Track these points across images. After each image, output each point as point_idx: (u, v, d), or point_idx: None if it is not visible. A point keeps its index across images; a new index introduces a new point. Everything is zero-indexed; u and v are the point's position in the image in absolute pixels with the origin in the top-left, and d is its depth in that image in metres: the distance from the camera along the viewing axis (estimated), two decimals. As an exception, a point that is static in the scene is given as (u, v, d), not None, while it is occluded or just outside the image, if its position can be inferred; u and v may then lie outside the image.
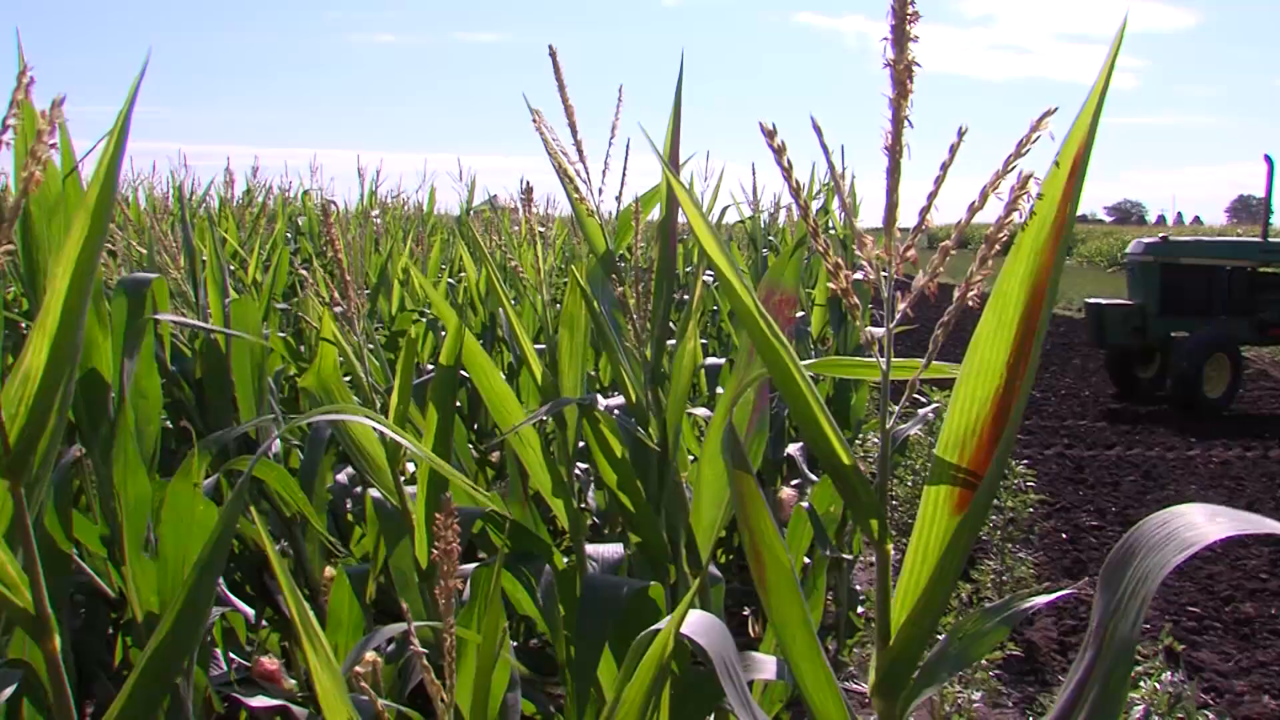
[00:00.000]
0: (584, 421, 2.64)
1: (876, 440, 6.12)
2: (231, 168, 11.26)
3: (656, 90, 2.40)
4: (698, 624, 1.31)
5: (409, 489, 2.71)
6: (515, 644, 3.99)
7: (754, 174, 8.64)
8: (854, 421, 5.62)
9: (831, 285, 1.13)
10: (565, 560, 2.84)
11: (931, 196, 1.10)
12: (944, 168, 1.09)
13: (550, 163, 2.49)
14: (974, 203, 1.09)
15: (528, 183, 2.89)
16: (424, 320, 5.40)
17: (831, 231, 6.86)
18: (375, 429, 2.49)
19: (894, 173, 1.08)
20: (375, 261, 6.90)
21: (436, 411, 2.68)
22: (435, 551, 1.21)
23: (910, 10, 1.04)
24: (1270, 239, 14.05)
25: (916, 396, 6.51)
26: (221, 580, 3.41)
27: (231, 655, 3.30)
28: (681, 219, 2.59)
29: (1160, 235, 14.31)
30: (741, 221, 8.86)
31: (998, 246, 1.10)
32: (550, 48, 2.45)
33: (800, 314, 5.40)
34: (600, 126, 2.55)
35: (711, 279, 7.61)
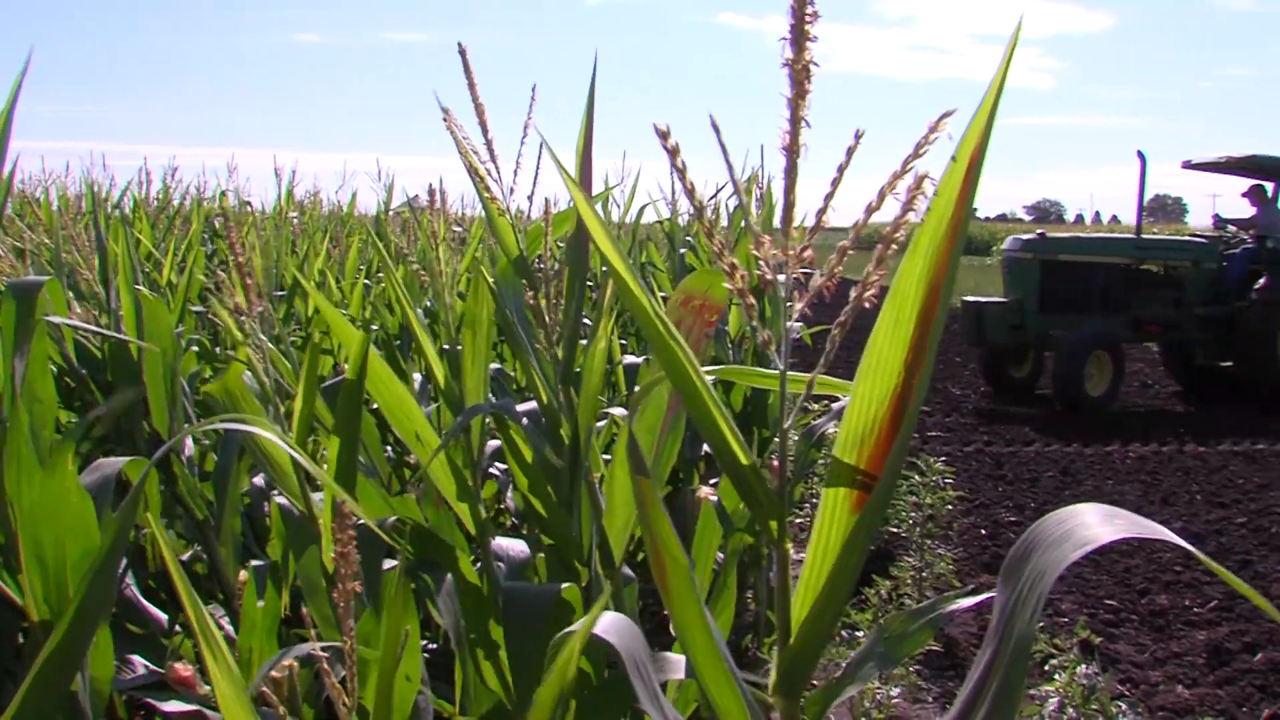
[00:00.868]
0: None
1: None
2: (149, 168, 11.12)
3: (580, 89, 2.39)
4: (610, 625, 1.30)
5: (317, 495, 2.68)
6: (435, 647, 3.96)
7: (671, 175, 8.57)
8: (772, 421, 5.63)
9: (728, 286, 1.12)
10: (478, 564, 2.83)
11: (828, 198, 1.10)
12: (840, 169, 1.09)
13: (462, 162, 2.47)
14: (871, 203, 1.09)
15: (431, 184, 2.86)
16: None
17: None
18: (261, 435, 2.46)
19: (791, 173, 1.07)
20: (292, 263, 6.84)
21: (341, 421, 2.65)
22: (334, 556, 1.20)
23: (809, 10, 1.04)
24: (1144, 235, 14.30)
25: (834, 394, 6.57)
26: (134, 585, 3.36)
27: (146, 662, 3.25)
28: (614, 216, 2.58)
29: (1038, 232, 14.42)
30: (660, 221, 8.83)
31: (894, 245, 1.10)
32: (460, 46, 2.42)
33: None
34: (517, 128, 2.54)
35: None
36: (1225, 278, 13.69)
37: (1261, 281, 13.23)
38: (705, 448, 5.14)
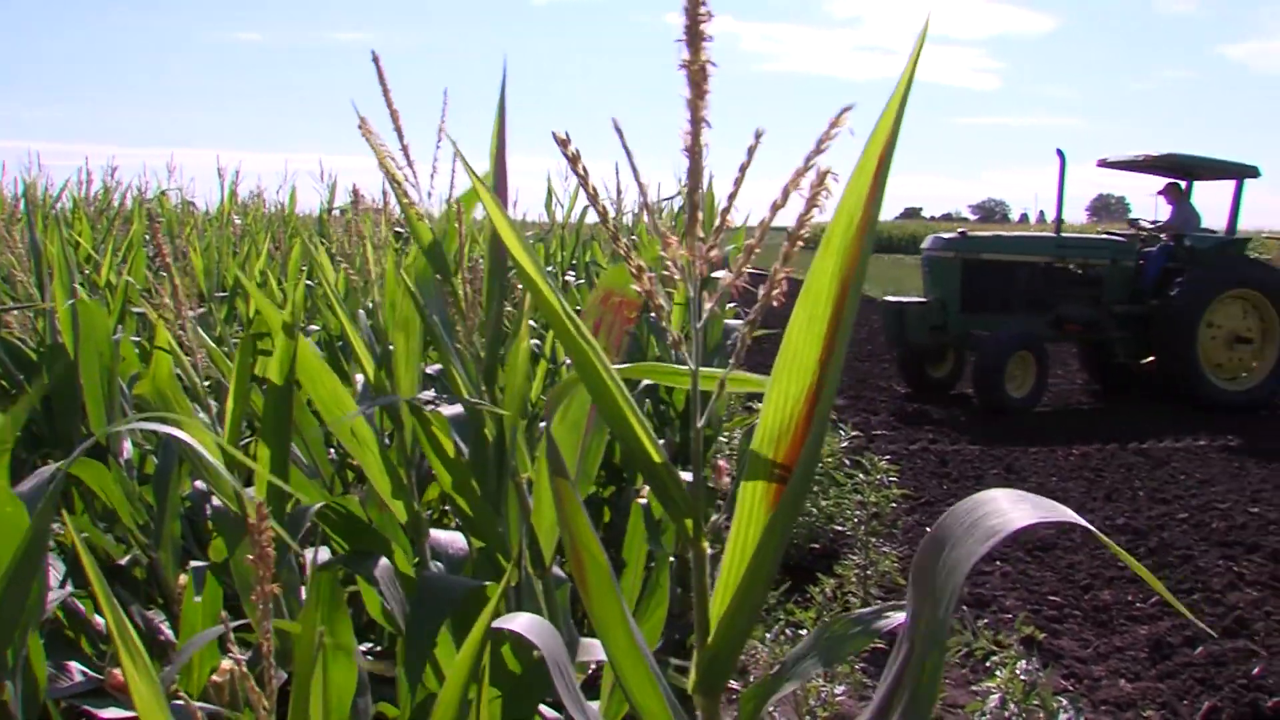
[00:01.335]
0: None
1: (740, 437, 6.17)
2: (89, 167, 11.02)
3: (521, 89, 2.34)
4: (530, 626, 1.31)
5: (250, 492, 2.67)
6: (380, 647, 3.94)
7: (617, 174, 8.54)
8: (716, 420, 5.64)
9: (637, 287, 1.12)
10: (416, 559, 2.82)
11: (731, 197, 1.11)
12: (742, 169, 1.10)
13: (379, 168, 2.47)
14: (776, 201, 1.09)
15: (354, 184, 2.86)
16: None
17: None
18: (175, 435, 2.45)
19: (695, 174, 1.08)
20: (234, 265, 6.79)
21: (268, 425, 2.64)
22: (251, 557, 1.19)
23: (703, 10, 1.03)
24: (1064, 234, 14.23)
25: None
26: (71, 590, 3.33)
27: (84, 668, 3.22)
28: (543, 218, 2.57)
29: (959, 230, 14.28)
30: (610, 220, 8.83)
31: (800, 243, 1.10)
32: (373, 53, 2.43)
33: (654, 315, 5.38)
34: (464, 127, 2.52)
35: (573, 278, 7.58)
36: (1143, 276, 13.68)
37: (1179, 280, 13.24)
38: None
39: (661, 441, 4.00)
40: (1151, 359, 13.77)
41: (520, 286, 2.75)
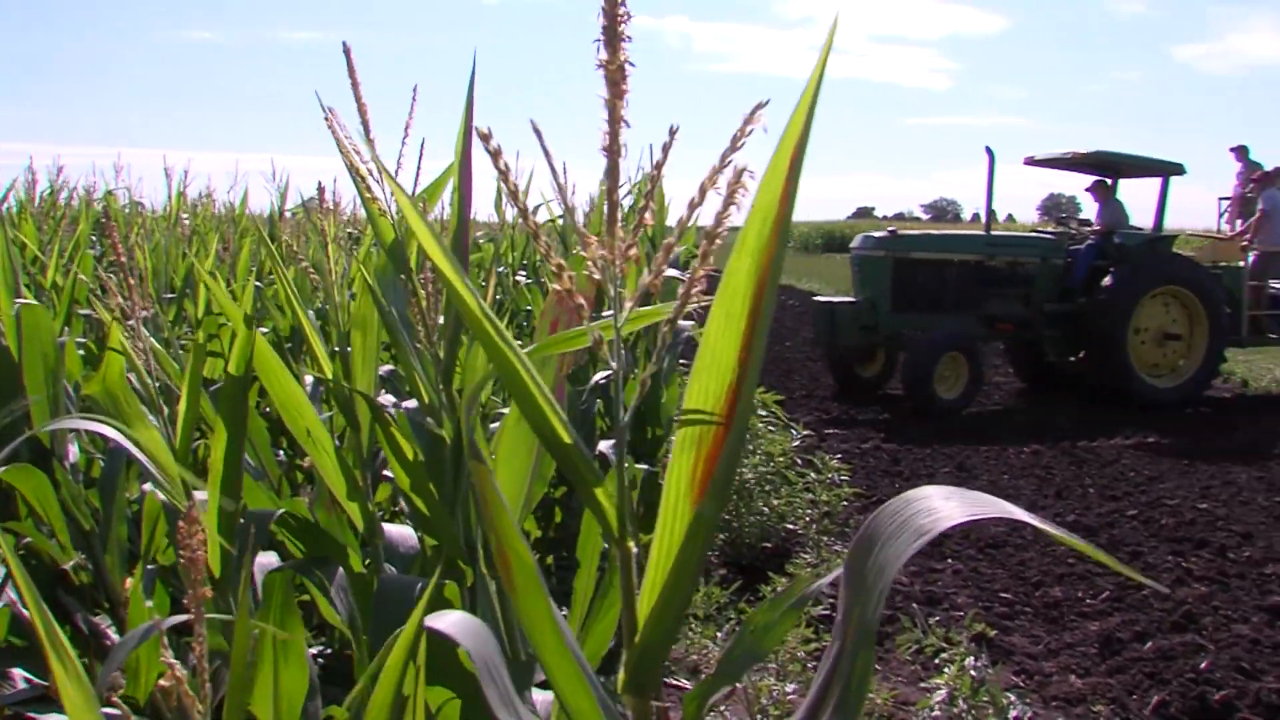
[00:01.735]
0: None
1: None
2: (34, 167, 10.92)
3: (479, 89, 2.35)
4: (458, 624, 1.30)
5: (200, 495, 2.65)
6: (330, 650, 3.93)
7: (565, 172, 8.53)
8: (665, 420, 5.65)
9: (556, 287, 1.13)
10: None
11: (649, 197, 1.11)
12: (657, 167, 1.10)
13: (344, 162, 2.46)
14: (693, 199, 1.10)
15: (320, 182, 2.85)
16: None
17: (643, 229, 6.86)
18: (110, 433, 2.44)
19: (613, 173, 1.08)
20: (182, 265, 6.74)
21: (226, 419, 2.63)
22: (181, 560, 1.18)
23: (622, 11, 1.04)
24: (994, 232, 14.23)
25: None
26: (15, 597, 3.31)
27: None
28: (508, 216, 2.57)
29: (889, 229, 14.16)
30: (551, 220, 8.83)
31: (718, 241, 1.11)
32: (344, 45, 2.42)
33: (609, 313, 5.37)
34: (425, 126, 2.52)
35: (524, 278, 7.55)
36: (1072, 274, 13.69)
37: (1108, 277, 13.28)
38: (599, 447, 5.13)
39: (608, 443, 4.00)
40: (1081, 357, 13.81)
41: (484, 286, 2.74)
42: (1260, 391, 15.13)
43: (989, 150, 13.39)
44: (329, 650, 3.91)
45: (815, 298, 13.85)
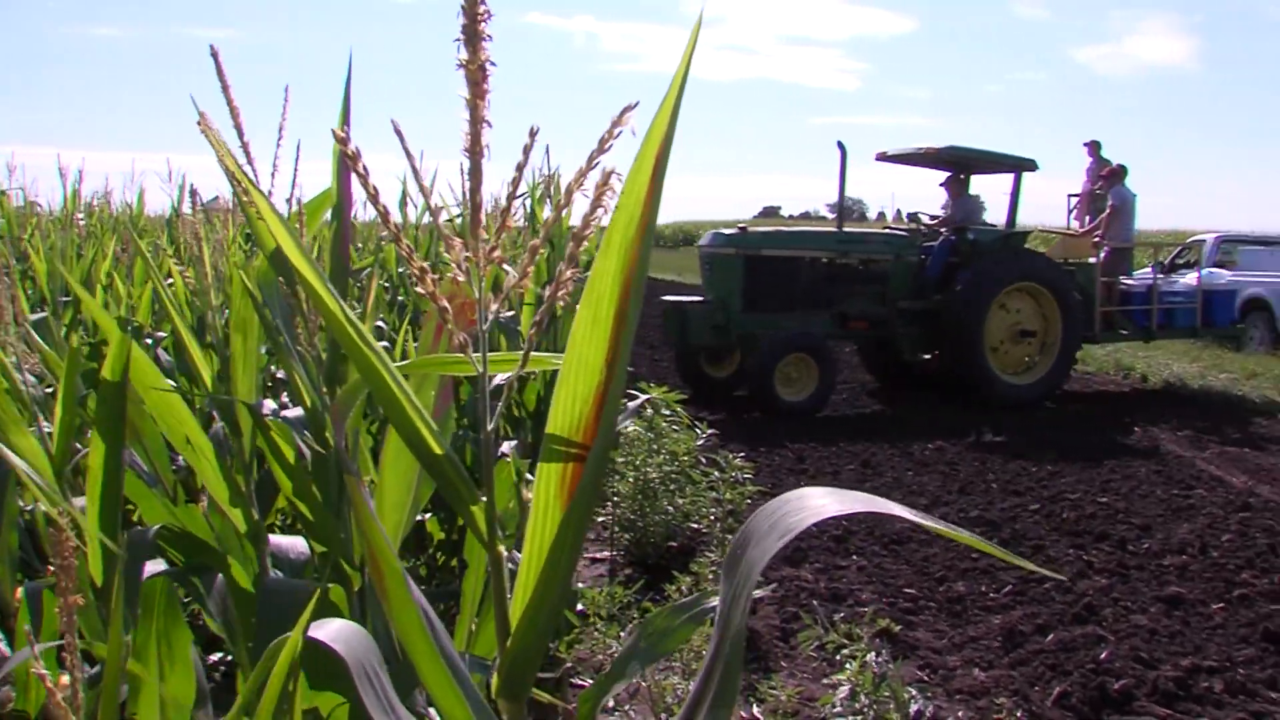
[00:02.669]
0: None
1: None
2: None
3: (385, 86, 2.29)
4: (338, 632, 1.28)
5: (80, 501, 2.60)
6: (231, 658, 3.87)
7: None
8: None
9: (419, 290, 1.11)
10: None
11: (510, 198, 1.10)
12: (519, 168, 1.09)
13: (220, 165, 2.41)
14: (560, 201, 1.09)
15: (191, 185, 2.81)
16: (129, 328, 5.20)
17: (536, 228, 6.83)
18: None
19: (475, 174, 1.07)
20: (78, 268, 6.63)
21: (102, 426, 2.58)
22: (50, 570, 1.15)
23: (481, 10, 1.02)
24: (846, 229, 14.10)
25: (631, 391, 6.50)
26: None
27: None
28: (411, 217, 2.55)
29: (739, 226, 13.76)
30: (450, 220, 8.78)
31: (585, 243, 1.10)
32: (211, 48, 2.37)
33: (510, 313, 5.36)
34: (327, 125, 2.48)
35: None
36: (926, 271, 13.65)
37: (962, 274, 13.24)
38: (501, 449, 5.10)
39: (514, 442, 3.97)
40: (934, 355, 13.84)
41: (363, 289, 2.72)
42: (1158, 386, 15.42)
43: (840, 145, 13.30)
44: (230, 658, 3.85)
45: (664, 297, 13.50)
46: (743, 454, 6.97)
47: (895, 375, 14.66)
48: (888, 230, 15.20)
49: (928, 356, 13.95)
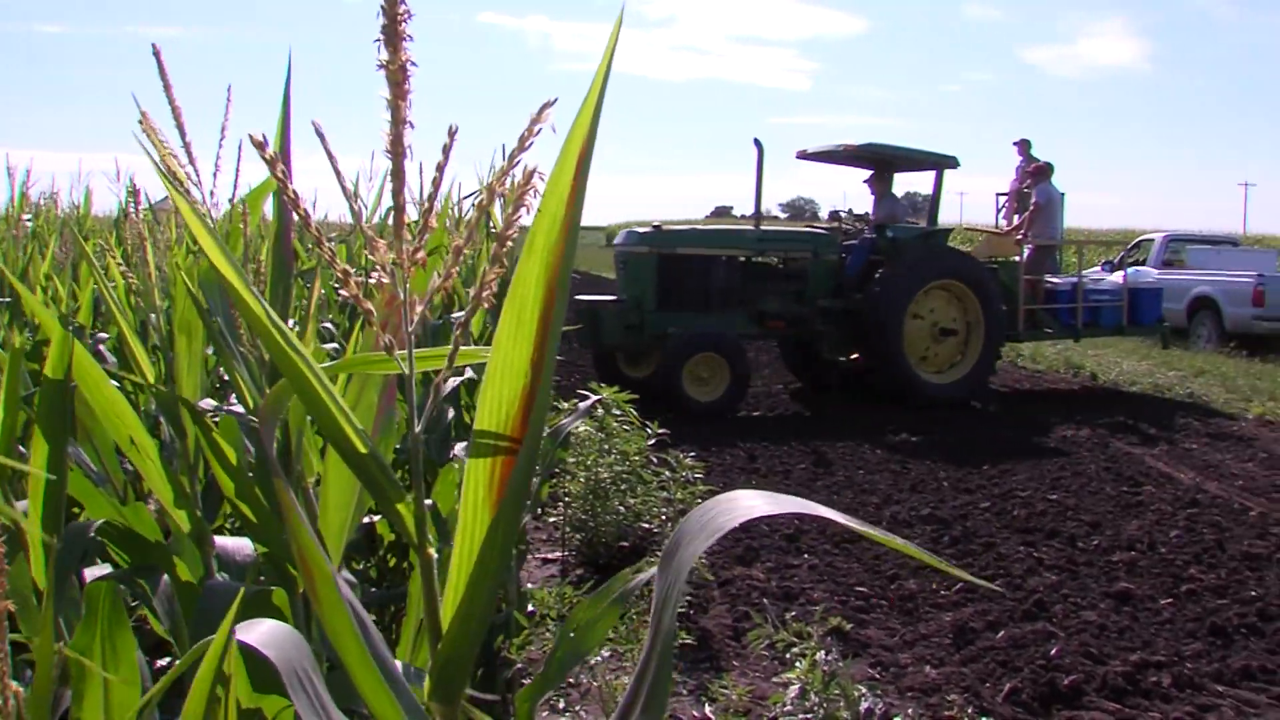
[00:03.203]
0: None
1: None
2: None
3: (335, 86, 2.31)
4: (267, 635, 1.27)
5: (22, 504, 2.58)
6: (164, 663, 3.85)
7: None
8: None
9: (343, 292, 1.11)
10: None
11: (431, 199, 1.10)
12: (439, 169, 1.09)
13: (158, 165, 2.39)
14: (481, 200, 1.09)
15: (134, 184, 2.78)
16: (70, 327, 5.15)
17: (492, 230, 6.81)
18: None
19: (397, 175, 1.06)
20: (18, 267, 6.56)
21: (44, 426, 2.55)
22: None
23: (402, 10, 1.02)
24: (764, 227, 13.97)
25: (583, 391, 6.48)
26: None
27: None
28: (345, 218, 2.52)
29: (654, 224, 13.53)
30: (409, 224, 8.74)
31: (509, 244, 1.10)
32: (154, 46, 2.35)
33: (459, 314, 5.32)
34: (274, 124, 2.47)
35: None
36: (846, 269, 13.56)
37: (882, 272, 13.20)
38: (454, 450, 5.09)
39: (463, 445, 3.96)
40: (856, 355, 13.78)
41: (308, 287, 2.71)
42: (1108, 385, 15.55)
43: (757, 142, 13.21)
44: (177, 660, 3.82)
45: (577, 296, 13.27)
46: (694, 454, 6.99)
47: (817, 375, 14.54)
48: (808, 229, 15.10)
49: (854, 356, 13.87)
